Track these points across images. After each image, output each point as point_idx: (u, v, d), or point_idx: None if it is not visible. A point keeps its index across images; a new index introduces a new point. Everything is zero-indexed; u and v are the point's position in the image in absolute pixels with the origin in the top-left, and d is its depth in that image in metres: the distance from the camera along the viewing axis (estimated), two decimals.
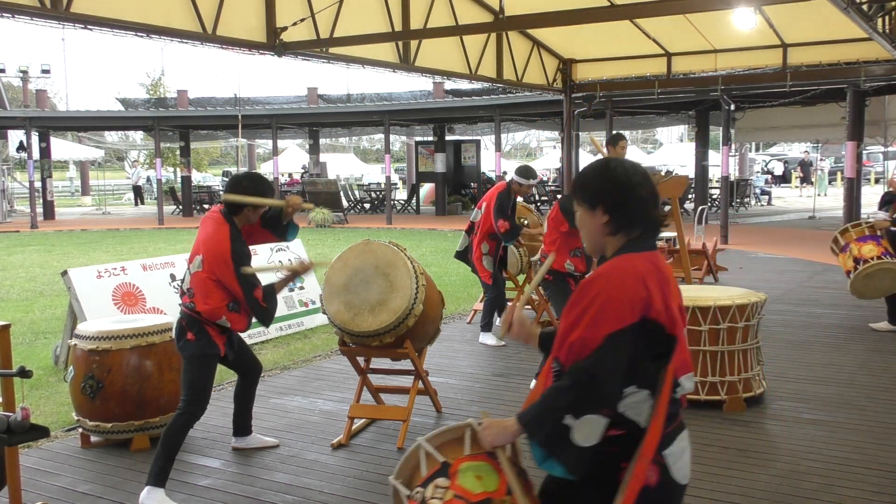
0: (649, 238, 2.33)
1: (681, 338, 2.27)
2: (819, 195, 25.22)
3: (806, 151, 35.47)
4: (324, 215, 4.68)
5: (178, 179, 30.70)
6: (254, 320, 4.44)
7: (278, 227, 4.61)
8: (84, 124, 29.47)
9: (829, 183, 31.48)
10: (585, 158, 23.42)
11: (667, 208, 14.01)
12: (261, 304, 4.31)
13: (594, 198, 2.31)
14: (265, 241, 4.72)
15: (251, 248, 4.57)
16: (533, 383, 6.00)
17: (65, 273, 6.81)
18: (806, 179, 31.52)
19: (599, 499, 2.20)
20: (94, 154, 36.15)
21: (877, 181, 31.77)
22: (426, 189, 28.51)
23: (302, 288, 8.61)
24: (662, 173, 12.77)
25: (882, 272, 7.41)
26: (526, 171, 7.51)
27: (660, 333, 2.21)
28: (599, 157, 5.96)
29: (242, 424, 4.95)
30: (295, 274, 4.65)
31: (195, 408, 4.26)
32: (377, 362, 5.54)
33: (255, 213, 4.39)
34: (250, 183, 4.41)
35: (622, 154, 8.55)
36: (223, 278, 4.22)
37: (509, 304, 6.75)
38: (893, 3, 8.59)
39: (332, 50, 9.06)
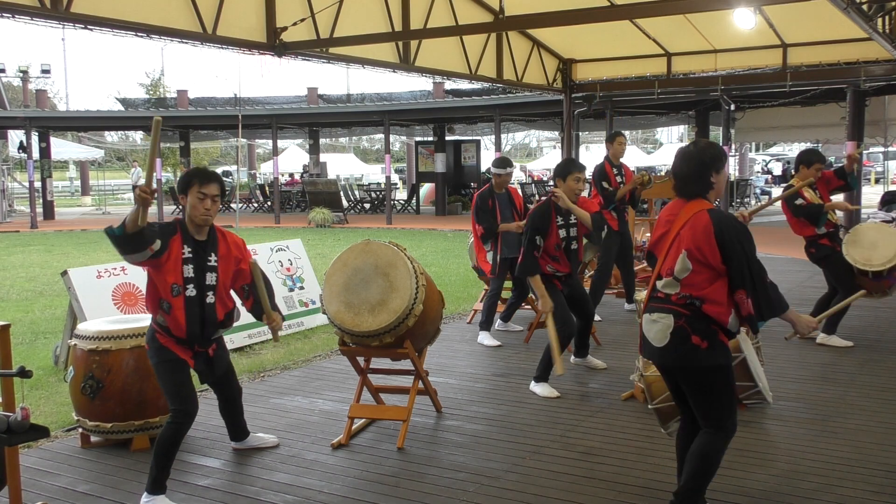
0: None
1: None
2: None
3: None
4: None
5: (178, 180, 30.70)
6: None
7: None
8: (84, 124, 29.51)
9: None
10: (585, 158, 23.41)
11: None
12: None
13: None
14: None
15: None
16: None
17: (65, 273, 6.81)
18: None
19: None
20: (94, 154, 36.17)
21: (877, 181, 31.78)
22: (426, 189, 28.50)
23: (302, 288, 8.61)
24: (662, 173, 12.76)
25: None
26: (500, 162, 7.62)
27: None
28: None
29: (237, 430, 4.93)
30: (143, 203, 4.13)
31: (181, 416, 4.21)
32: (377, 362, 5.54)
33: (200, 201, 4.28)
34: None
35: (620, 150, 8.51)
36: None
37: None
38: (893, 3, 8.58)
39: (332, 50, 9.06)
